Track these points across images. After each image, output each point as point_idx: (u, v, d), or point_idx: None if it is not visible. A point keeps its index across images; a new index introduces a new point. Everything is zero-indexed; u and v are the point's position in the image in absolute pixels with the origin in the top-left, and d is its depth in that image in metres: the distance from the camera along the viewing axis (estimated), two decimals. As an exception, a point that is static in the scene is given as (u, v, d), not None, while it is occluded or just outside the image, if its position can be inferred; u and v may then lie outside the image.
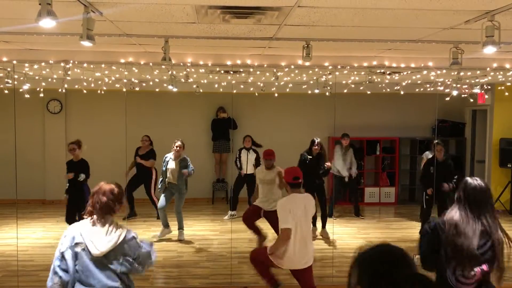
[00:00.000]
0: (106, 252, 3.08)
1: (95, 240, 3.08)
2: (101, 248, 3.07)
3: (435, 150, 7.79)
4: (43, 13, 2.95)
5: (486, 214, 3.03)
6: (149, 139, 9.14)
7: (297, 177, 4.65)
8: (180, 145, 7.77)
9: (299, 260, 4.61)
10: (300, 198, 4.67)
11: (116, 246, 3.10)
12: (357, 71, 7.09)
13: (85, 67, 6.43)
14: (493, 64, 6.49)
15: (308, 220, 4.70)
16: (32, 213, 9.45)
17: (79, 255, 3.11)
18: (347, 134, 9.43)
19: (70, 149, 7.33)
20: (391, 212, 10.23)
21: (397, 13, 3.62)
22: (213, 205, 10.47)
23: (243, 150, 9.26)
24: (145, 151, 9.04)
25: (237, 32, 4.53)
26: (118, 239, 3.11)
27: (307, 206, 4.67)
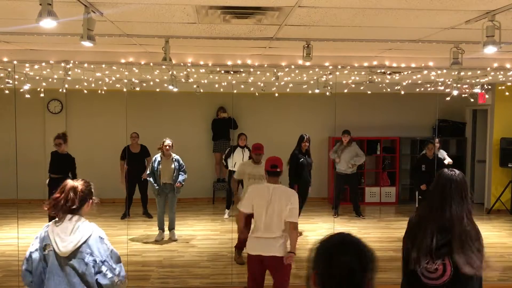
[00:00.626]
0: (71, 252, 2.94)
1: (59, 240, 2.96)
2: (65, 247, 2.94)
3: (427, 148, 7.89)
4: (44, 13, 2.95)
5: (452, 205, 2.81)
6: (138, 136, 8.97)
7: (275, 165, 4.51)
8: (169, 144, 7.60)
9: (261, 246, 4.43)
10: (269, 187, 4.48)
11: (82, 245, 2.95)
12: (358, 71, 7.09)
13: (85, 67, 6.43)
14: (494, 64, 6.49)
15: (271, 211, 4.40)
16: (33, 213, 9.44)
17: (47, 257, 3.00)
18: (347, 130, 9.39)
19: (56, 144, 7.35)
20: (391, 211, 10.23)
21: (397, 13, 3.62)
22: (213, 204, 10.47)
23: (238, 148, 9.09)
24: (138, 149, 8.93)
25: (237, 32, 4.53)
26: (82, 237, 2.96)
27: (274, 197, 4.41)
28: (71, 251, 2.93)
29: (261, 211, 4.45)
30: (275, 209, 4.41)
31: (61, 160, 7.33)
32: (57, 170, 7.34)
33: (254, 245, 4.49)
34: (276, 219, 4.43)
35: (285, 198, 4.44)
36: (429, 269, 2.83)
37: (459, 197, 2.83)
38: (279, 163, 4.57)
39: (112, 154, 9.75)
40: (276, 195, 4.43)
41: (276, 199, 4.42)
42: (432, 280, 2.84)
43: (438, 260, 2.80)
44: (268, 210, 4.42)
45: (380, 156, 10.83)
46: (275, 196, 4.43)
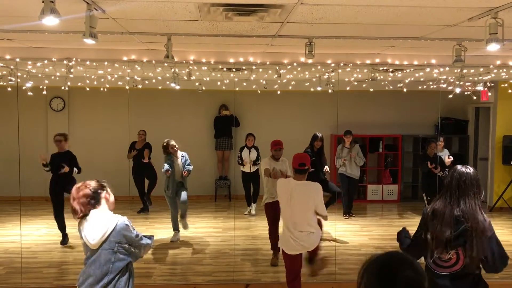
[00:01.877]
0: (100, 243, 3.12)
1: (88, 233, 3.12)
2: (94, 240, 3.11)
3: (428, 147, 7.87)
4: (46, 11, 2.96)
5: (466, 200, 3.04)
6: (145, 134, 9.22)
7: (303, 163, 4.60)
8: (174, 144, 7.51)
9: (295, 245, 4.60)
10: (291, 183, 4.60)
11: (109, 235, 3.12)
12: (360, 69, 7.08)
13: (88, 65, 6.44)
14: (497, 61, 6.47)
15: (293, 207, 4.53)
16: (36, 210, 9.48)
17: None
18: (350, 131, 9.27)
19: (56, 140, 7.41)
20: (394, 209, 10.23)
21: (400, 10, 3.62)
22: (215, 202, 10.48)
23: (245, 148, 9.20)
24: (141, 145, 9.08)
25: (239, 30, 4.52)
26: (108, 228, 3.12)
27: (294, 193, 4.52)
28: (99, 243, 3.10)
29: (284, 206, 4.62)
30: (296, 205, 4.53)
31: (63, 159, 7.30)
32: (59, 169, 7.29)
33: (289, 244, 4.62)
34: (301, 214, 4.57)
35: (306, 193, 4.56)
36: (442, 258, 3.08)
37: (472, 192, 3.06)
38: (307, 160, 4.65)
39: (114, 151, 9.78)
40: (296, 191, 4.55)
41: (296, 195, 4.53)
42: (444, 268, 3.09)
43: (452, 250, 3.04)
44: (291, 206, 4.55)
45: (382, 154, 10.82)
46: (296, 193, 4.54)
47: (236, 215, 8.97)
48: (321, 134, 7.99)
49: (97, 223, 3.11)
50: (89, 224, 3.13)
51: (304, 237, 4.57)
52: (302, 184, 4.62)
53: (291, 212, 4.57)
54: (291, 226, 4.57)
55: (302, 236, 4.56)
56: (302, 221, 4.56)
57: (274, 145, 6.69)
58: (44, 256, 6.76)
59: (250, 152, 9.15)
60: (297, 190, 4.55)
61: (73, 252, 6.98)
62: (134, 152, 8.98)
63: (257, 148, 9.25)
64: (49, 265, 6.43)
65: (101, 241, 3.10)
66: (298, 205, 4.54)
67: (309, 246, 4.64)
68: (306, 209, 4.56)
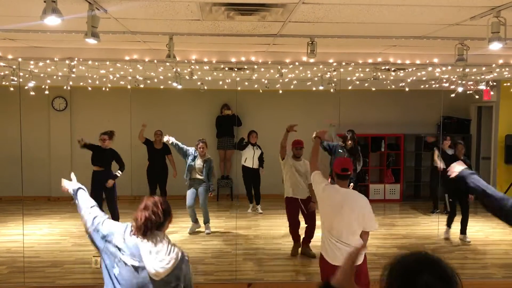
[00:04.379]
0: (163, 274, 2.64)
1: (153, 258, 2.64)
2: (163, 268, 2.64)
3: (456, 149, 7.69)
4: (48, 10, 2.96)
5: None
6: (162, 134, 9.18)
7: (345, 168, 4.25)
8: (203, 146, 7.93)
9: (335, 254, 4.20)
10: (339, 190, 4.23)
11: (174, 268, 2.68)
12: (362, 68, 7.08)
13: (90, 65, 6.45)
14: (499, 60, 6.45)
15: (344, 218, 4.13)
16: (38, 210, 9.49)
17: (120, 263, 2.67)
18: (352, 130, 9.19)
19: (101, 139, 7.76)
20: (396, 209, 10.22)
21: (402, 9, 3.61)
22: (217, 201, 10.48)
23: (249, 145, 9.30)
24: (160, 146, 9.04)
25: (241, 29, 4.52)
26: (176, 260, 2.70)
27: (345, 202, 4.15)
28: (165, 273, 2.64)
29: (331, 214, 4.22)
30: (345, 219, 4.15)
31: (104, 153, 7.69)
32: (100, 163, 7.66)
33: (332, 253, 4.21)
34: (347, 229, 4.19)
35: (355, 208, 4.17)
36: None
37: None
38: (350, 165, 4.33)
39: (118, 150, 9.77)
40: (347, 203, 4.16)
41: (347, 208, 4.14)
42: None
43: None
44: (338, 217, 4.17)
45: (385, 153, 10.81)
46: (346, 205, 4.16)
47: (238, 215, 8.97)
48: (352, 132, 7.93)
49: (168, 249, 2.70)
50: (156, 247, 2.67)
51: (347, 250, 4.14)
52: (352, 193, 4.31)
53: (339, 222, 4.18)
54: (336, 235, 4.20)
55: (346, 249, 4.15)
56: (346, 235, 4.20)
57: (295, 143, 6.82)
58: (47, 256, 6.77)
59: (254, 149, 9.24)
60: (348, 201, 4.18)
61: (75, 252, 6.99)
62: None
63: (260, 147, 9.33)
64: (52, 264, 6.44)
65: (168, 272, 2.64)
66: (348, 216, 4.15)
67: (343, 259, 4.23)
68: (350, 225, 4.21)
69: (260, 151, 9.31)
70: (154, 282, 2.63)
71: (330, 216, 4.25)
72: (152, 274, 2.61)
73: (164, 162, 8.96)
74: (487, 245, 7.48)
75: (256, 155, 9.26)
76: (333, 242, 4.21)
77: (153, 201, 2.79)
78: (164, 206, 2.81)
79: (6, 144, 9.78)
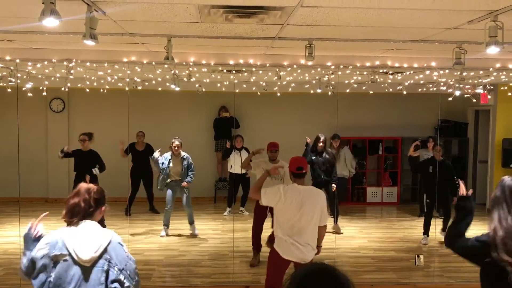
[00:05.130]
0: (93, 259, 2.69)
1: (79, 247, 2.70)
2: (87, 254, 2.69)
3: (434, 150, 7.75)
4: (47, 12, 2.96)
5: None
6: (144, 135, 9.30)
7: (300, 167, 4.43)
8: (178, 144, 7.81)
9: (295, 252, 4.35)
10: (299, 189, 4.38)
11: (103, 251, 2.73)
12: (360, 71, 7.09)
13: (88, 66, 6.44)
14: (496, 64, 6.48)
15: (305, 214, 4.32)
16: (35, 212, 9.34)
17: (58, 266, 2.70)
18: (337, 135, 9.23)
19: (80, 139, 7.74)
20: (393, 212, 10.23)
21: (400, 13, 3.62)
22: (215, 204, 10.47)
23: (234, 151, 9.16)
24: (143, 147, 9.15)
25: (239, 32, 4.53)
26: (103, 244, 2.73)
27: (306, 200, 4.32)
28: (94, 258, 2.69)
29: (292, 213, 4.32)
30: (308, 214, 4.33)
31: (85, 156, 7.65)
32: (81, 167, 7.64)
33: (289, 251, 4.37)
34: (311, 226, 4.36)
35: (315, 201, 4.39)
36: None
37: None
38: (304, 164, 4.51)
39: (114, 152, 9.75)
40: (307, 198, 4.35)
41: (308, 202, 4.34)
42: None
43: None
44: (299, 215, 4.31)
45: (382, 156, 10.82)
46: (306, 200, 4.34)
47: (235, 217, 8.97)
48: (324, 136, 8.05)
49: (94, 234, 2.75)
50: (82, 234, 2.75)
51: (308, 248, 4.39)
52: (310, 190, 4.47)
53: (299, 220, 4.33)
54: (296, 234, 4.34)
55: (305, 247, 4.37)
56: (308, 231, 4.38)
57: (270, 146, 6.74)
58: (43, 257, 6.74)
59: (240, 154, 9.09)
60: (308, 197, 4.37)
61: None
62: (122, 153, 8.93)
63: (248, 150, 9.20)
64: (48, 266, 6.41)
65: (95, 256, 2.70)
66: (310, 212, 4.34)
67: (305, 258, 4.38)
68: (313, 219, 4.39)
69: None
70: (86, 269, 2.68)
71: (291, 216, 4.36)
72: (81, 261, 2.66)
73: (148, 164, 9.03)
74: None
75: (239, 160, 9.15)
76: (292, 242, 4.35)
77: (86, 188, 2.87)
78: (97, 195, 2.87)
79: (3, 145, 9.75)
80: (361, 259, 6.89)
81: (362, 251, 7.24)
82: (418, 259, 6.31)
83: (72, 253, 2.69)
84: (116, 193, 9.28)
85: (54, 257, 2.71)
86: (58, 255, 2.71)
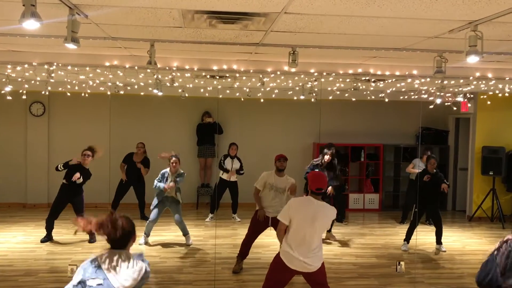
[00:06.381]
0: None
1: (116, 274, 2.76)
2: (124, 283, 2.76)
3: (429, 163, 7.74)
4: (27, 14, 2.91)
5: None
6: (144, 147, 9.27)
7: (320, 188, 4.44)
8: (176, 160, 7.58)
9: (299, 263, 4.40)
10: (313, 203, 4.42)
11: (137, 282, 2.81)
12: (343, 78, 7.14)
13: (69, 70, 6.37)
14: (476, 73, 6.59)
15: (315, 228, 4.37)
16: (13, 217, 9.28)
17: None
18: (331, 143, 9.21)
19: (84, 154, 7.66)
20: (375, 218, 10.29)
21: (382, 21, 3.66)
22: (197, 210, 10.41)
23: (228, 157, 9.27)
24: (140, 158, 9.12)
25: (223, 37, 4.52)
26: (139, 274, 2.83)
27: (317, 214, 4.37)
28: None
29: (304, 226, 4.36)
30: (319, 228, 4.43)
31: (81, 172, 7.54)
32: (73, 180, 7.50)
33: (294, 262, 4.41)
34: (317, 238, 4.45)
35: (327, 218, 4.53)
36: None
37: None
38: (324, 184, 4.51)
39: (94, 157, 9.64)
40: (320, 213, 4.40)
41: (320, 217, 4.40)
42: None
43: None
44: (310, 228, 4.36)
45: (364, 163, 10.89)
46: (319, 215, 4.39)
47: (218, 223, 8.92)
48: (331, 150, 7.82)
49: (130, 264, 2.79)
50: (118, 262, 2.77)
51: (312, 259, 4.44)
52: (323, 206, 4.49)
53: (310, 234, 4.37)
54: (306, 247, 4.39)
55: (311, 258, 4.43)
56: (317, 244, 4.46)
57: (279, 156, 6.50)
58: (20, 264, 6.61)
59: (232, 162, 9.20)
60: (321, 212, 4.41)
61: (50, 261, 6.84)
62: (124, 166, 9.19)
63: (239, 159, 9.31)
64: (26, 273, 6.28)
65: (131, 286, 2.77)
66: (320, 229, 4.44)
67: (312, 268, 4.45)
68: (322, 231, 4.56)
69: (239, 164, 9.28)
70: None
71: (301, 228, 4.39)
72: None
73: (140, 174, 9.09)
74: (464, 254, 7.58)
75: (234, 168, 9.23)
76: (297, 256, 4.38)
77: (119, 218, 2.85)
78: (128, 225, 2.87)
79: (-19, 149, 9.56)
80: (343, 265, 6.90)
81: (344, 258, 7.26)
82: (399, 266, 6.34)
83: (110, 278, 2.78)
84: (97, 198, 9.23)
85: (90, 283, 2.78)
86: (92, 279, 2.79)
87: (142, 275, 2.84)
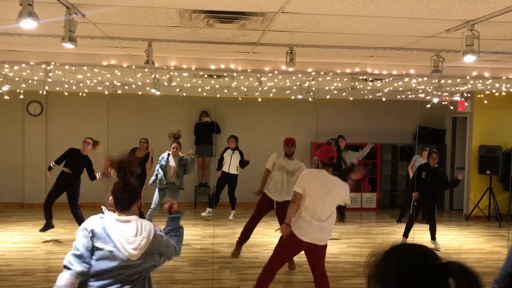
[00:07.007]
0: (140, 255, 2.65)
1: (125, 240, 2.65)
2: (134, 250, 2.65)
3: (430, 157, 7.79)
4: (24, 13, 2.91)
5: None
6: (147, 142, 9.19)
7: (332, 157, 4.64)
8: (176, 145, 7.82)
9: (313, 234, 4.57)
10: (326, 176, 4.60)
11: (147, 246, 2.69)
12: (340, 78, 7.16)
13: (67, 69, 6.36)
14: (473, 72, 6.61)
15: (328, 200, 4.56)
16: (10, 217, 9.27)
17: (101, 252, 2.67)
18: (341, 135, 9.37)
19: (85, 141, 7.68)
20: (372, 217, 10.31)
21: (379, 20, 3.67)
22: (195, 209, 10.41)
23: (228, 150, 9.30)
24: (143, 154, 9.05)
25: (221, 37, 4.53)
26: (149, 238, 2.69)
27: (331, 187, 4.55)
28: (140, 254, 2.66)
29: (318, 197, 4.54)
30: (332, 200, 4.60)
31: (79, 158, 7.57)
32: (71, 166, 7.54)
33: (309, 232, 4.57)
34: (332, 209, 4.63)
35: (340, 192, 4.66)
36: None
37: None
38: (335, 154, 4.72)
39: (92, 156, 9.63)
40: (333, 186, 4.58)
41: (334, 191, 4.57)
42: None
43: None
44: (327, 199, 4.55)
45: (362, 162, 10.90)
46: (333, 187, 4.57)
47: (215, 223, 8.92)
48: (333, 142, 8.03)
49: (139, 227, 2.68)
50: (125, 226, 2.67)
51: (326, 229, 4.64)
52: (336, 180, 4.65)
53: (323, 206, 4.56)
54: (320, 216, 4.55)
55: (324, 232, 4.62)
56: (329, 217, 4.64)
57: (288, 140, 6.54)
58: (18, 264, 6.60)
59: (232, 154, 9.21)
60: (335, 185, 4.60)
61: (48, 260, 6.84)
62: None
63: (241, 152, 9.29)
64: (24, 273, 6.28)
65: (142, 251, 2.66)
66: (333, 201, 4.63)
67: (322, 240, 4.64)
68: (335, 205, 4.71)
69: (240, 157, 9.27)
70: (131, 262, 2.67)
71: (315, 201, 4.55)
72: (127, 256, 2.64)
73: (143, 170, 8.96)
74: (460, 253, 7.61)
75: (234, 160, 9.23)
76: (313, 224, 4.54)
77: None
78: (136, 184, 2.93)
79: (-22, 149, 9.55)
80: (340, 264, 6.92)
81: (342, 257, 7.27)
82: None
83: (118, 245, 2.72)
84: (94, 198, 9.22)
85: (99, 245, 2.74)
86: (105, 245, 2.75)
87: (151, 239, 2.70)
